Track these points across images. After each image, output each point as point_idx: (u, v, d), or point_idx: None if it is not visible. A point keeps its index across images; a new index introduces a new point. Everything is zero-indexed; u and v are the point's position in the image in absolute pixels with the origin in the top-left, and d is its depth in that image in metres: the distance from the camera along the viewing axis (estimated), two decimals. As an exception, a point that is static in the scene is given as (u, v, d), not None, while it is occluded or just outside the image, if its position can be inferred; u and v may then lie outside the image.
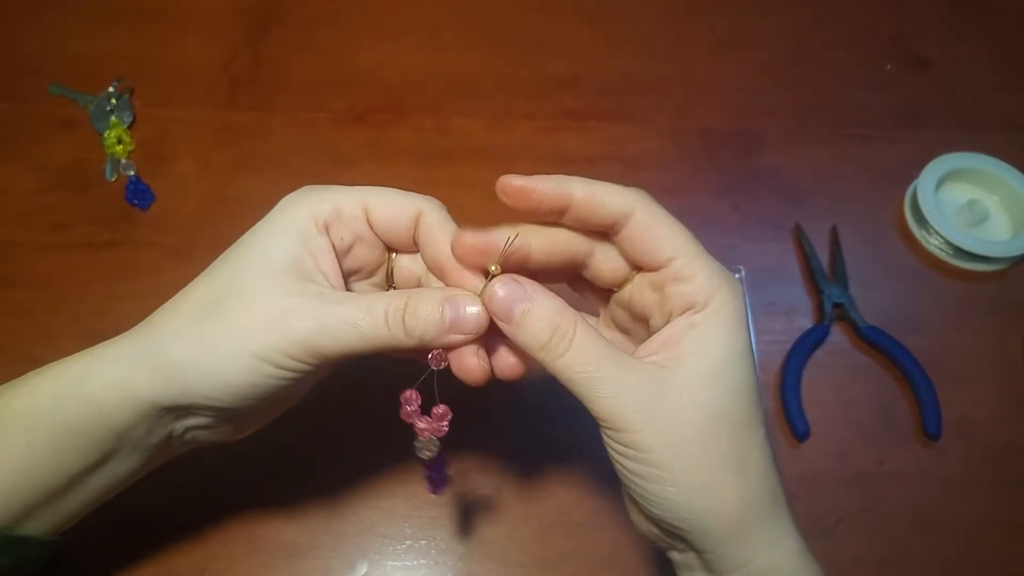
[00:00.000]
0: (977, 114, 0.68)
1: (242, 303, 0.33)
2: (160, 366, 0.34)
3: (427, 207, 0.36)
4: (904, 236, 0.62)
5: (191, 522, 0.48)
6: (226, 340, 0.33)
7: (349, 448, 0.51)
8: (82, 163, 0.62)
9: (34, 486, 0.35)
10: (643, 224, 0.33)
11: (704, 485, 0.31)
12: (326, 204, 0.36)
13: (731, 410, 0.32)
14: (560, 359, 0.32)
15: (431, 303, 0.34)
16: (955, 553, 0.49)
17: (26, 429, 0.34)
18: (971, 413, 0.54)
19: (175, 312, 0.35)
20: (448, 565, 0.48)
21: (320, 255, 0.35)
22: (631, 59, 0.71)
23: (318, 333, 0.33)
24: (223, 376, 0.33)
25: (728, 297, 0.32)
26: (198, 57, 0.68)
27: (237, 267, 0.35)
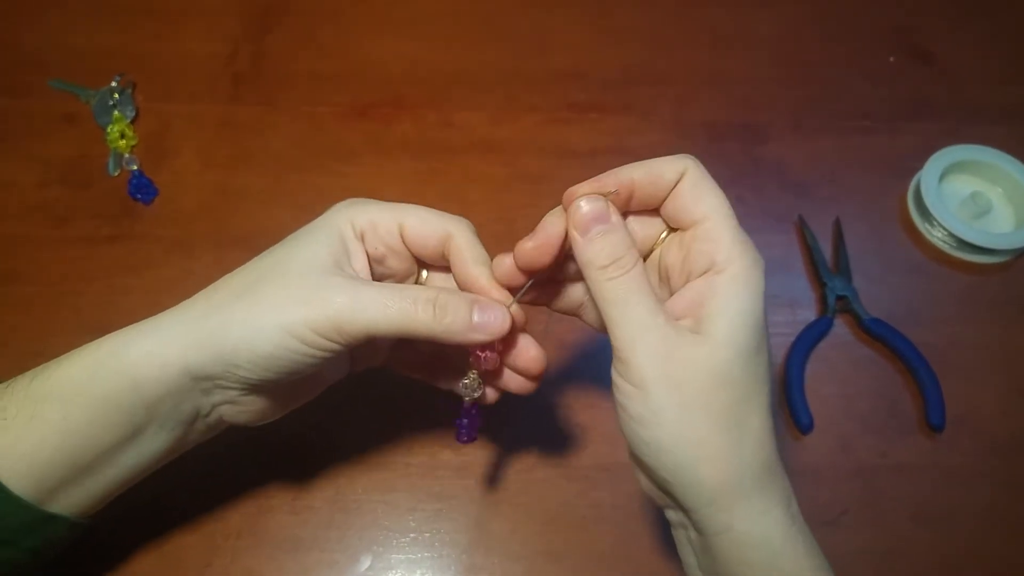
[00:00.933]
0: (980, 106, 0.68)
1: (279, 283, 0.36)
2: (194, 335, 0.36)
3: (457, 229, 0.38)
4: (907, 228, 0.62)
5: (196, 516, 0.48)
6: (260, 313, 0.35)
7: (353, 442, 0.51)
8: (85, 158, 0.62)
9: (67, 460, 0.36)
10: (690, 182, 0.35)
11: (697, 438, 0.32)
12: (363, 216, 0.38)
13: (737, 373, 0.32)
14: (609, 282, 0.34)
15: (461, 301, 0.36)
16: (959, 545, 0.49)
17: (64, 402, 0.36)
18: (975, 405, 0.54)
19: (213, 292, 0.37)
20: (452, 558, 0.48)
21: (354, 256, 0.38)
22: (634, 51, 0.70)
23: (349, 309, 0.34)
24: (252, 345, 0.35)
25: (748, 265, 0.33)
26: (200, 52, 0.68)
27: (278, 257, 0.37)
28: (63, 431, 0.36)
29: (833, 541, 0.48)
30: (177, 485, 0.49)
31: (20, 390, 0.36)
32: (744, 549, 0.33)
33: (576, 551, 0.48)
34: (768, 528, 0.33)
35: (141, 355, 0.36)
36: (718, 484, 0.32)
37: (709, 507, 0.33)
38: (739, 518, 0.33)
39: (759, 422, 0.33)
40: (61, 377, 0.36)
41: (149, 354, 0.36)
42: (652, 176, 0.35)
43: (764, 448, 0.33)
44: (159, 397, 0.36)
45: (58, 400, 0.36)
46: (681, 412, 0.32)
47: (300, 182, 0.61)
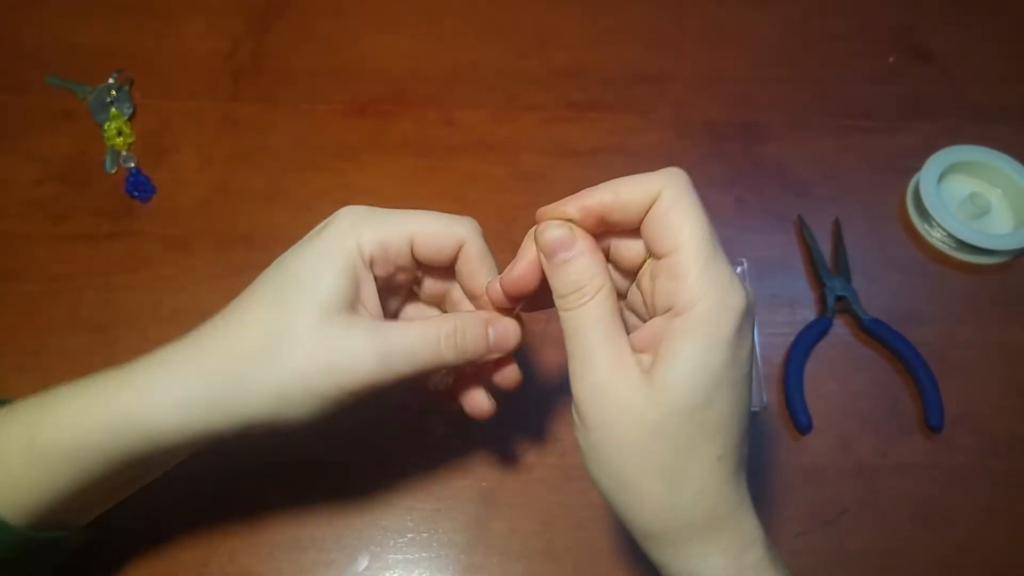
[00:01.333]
0: (980, 106, 0.68)
1: (298, 343, 0.34)
2: (220, 405, 0.35)
3: (470, 238, 0.38)
4: (906, 228, 0.62)
5: (193, 516, 0.48)
6: (287, 382, 0.34)
7: (350, 442, 0.51)
8: (82, 155, 0.62)
9: (78, 505, 0.37)
10: (661, 209, 0.32)
11: (628, 482, 0.32)
12: (373, 238, 0.36)
13: (673, 428, 0.31)
14: (566, 312, 0.33)
15: (478, 325, 0.37)
16: (959, 544, 0.49)
17: (77, 460, 0.35)
18: (974, 405, 0.54)
19: (230, 352, 0.35)
20: (450, 558, 0.48)
21: (364, 287, 0.37)
22: (634, 50, 0.70)
23: (378, 370, 0.35)
24: (285, 413, 0.35)
25: (710, 308, 0.30)
26: (199, 48, 0.68)
27: (288, 304, 0.35)
28: (77, 483, 0.36)
29: (833, 541, 0.49)
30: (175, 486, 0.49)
31: (18, 450, 0.35)
32: None
33: (575, 551, 0.48)
34: (704, 573, 0.32)
35: (163, 425, 0.35)
36: (650, 527, 0.33)
37: (645, 543, 0.33)
38: (674, 559, 0.33)
39: (703, 471, 0.31)
40: (73, 436, 0.35)
41: (173, 426, 0.35)
42: (620, 201, 0.33)
43: (707, 498, 0.32)
44: (179, 451, 0.37)
45: (69, 460, 0.35)
46: (614, 455, 0.32)
47: (300, 180, 0.61)
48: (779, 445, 0.52)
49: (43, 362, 0.53)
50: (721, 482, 0.32)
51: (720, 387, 0.31)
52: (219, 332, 0.36)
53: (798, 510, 0.50)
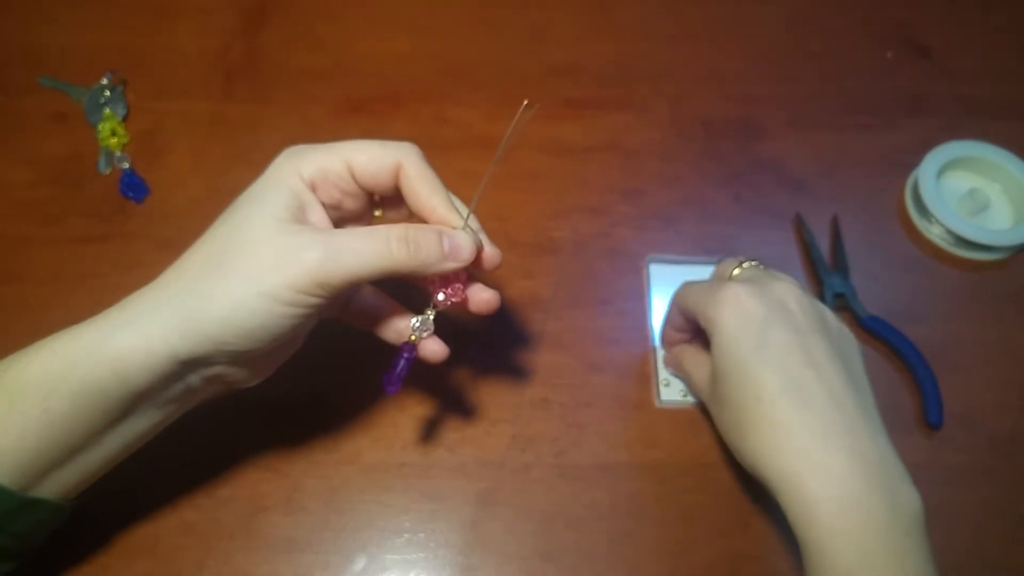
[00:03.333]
0: (979, 102, 0.68)
1: (248, 250, 0.35)
2: (175, 321, 0.35)
3: (406, 159, 0.39)
4: (905, 225, 0.61)
5: (190, 518, 0.48)
6: (237, 286, 0.35)
7: (347, 442, 0.51)
8: (76, 156, 0.61)
9: (51, 448, 0.36)
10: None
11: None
12: (311, 165, 0.38)
13: None
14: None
15: (430, 232, 0.38)
16: (959, 542, 0.49)
17: (43, 396, 0.35)
18: (973, 402, 0.54)
19: (182, 271, 0.37)
20: (447, 558, 0.47)
21: (310, 207, 0.38)
22: (630, 47, 0.70)
23: (325, 262, 0.35)
24: (238, 320, 0.35)
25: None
26: (192, 48, 0.68)
27: (236, 222, 0.37)
28: (45, 423, 0.35)
29: (831, 540, 0.48)
30: (170, 487, 0.49)
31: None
32: None
33: (572, 551, 0.48)
34: None
35: (123, 348, 0.35)
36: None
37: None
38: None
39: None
40: (38, 370, 0.35)
41: (132, 347, 0.35)
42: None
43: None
44: (147, 384, 0.36)
45: (36, 392, 0.35)
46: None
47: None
48: (777, 444, 0.52)
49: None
50: None
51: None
52: (173, 266, 0.38)
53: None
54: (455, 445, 0.51)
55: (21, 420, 0.35)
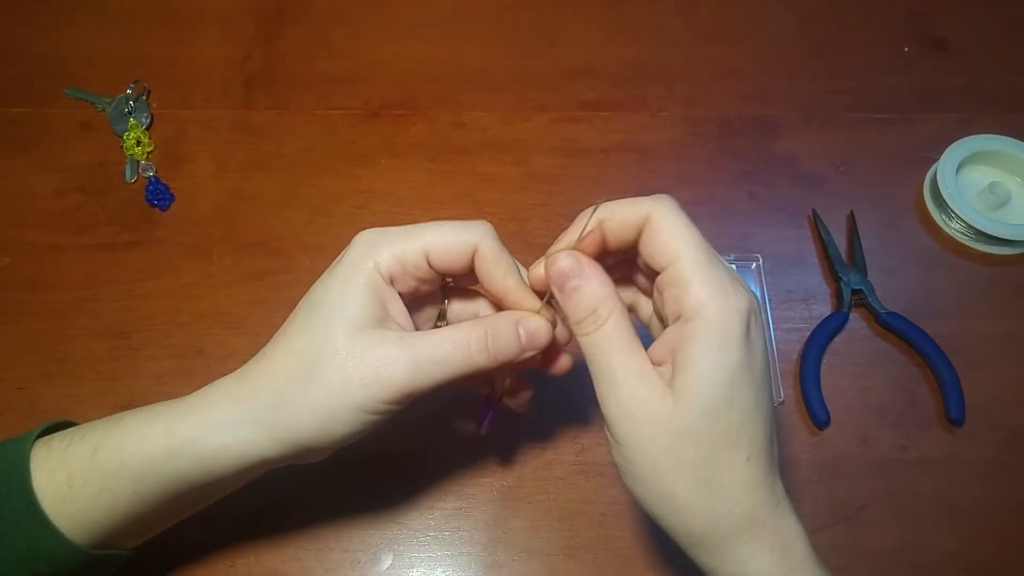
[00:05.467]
0: (998, 95, 0.67)
1: (335, 363, 0.36)
2: (268, 430, 0.37)
3: (482, 241, 0.38)
4: (923, 220, 0.61)
5: (219, 518, 0.49)
6: (328, 401, 0.36)
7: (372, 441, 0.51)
8: (102, 165, 0.63)
9: (134, 522, 0.38)
10: (653, 228, 0.34)
11: (666, 493, 0.33)
12: (388, 258, 0.38)
13: (703, 432, 0.32)
14: (584, 337, 0.35)
15: (508, 326, 0.38)
16: (980, 538, 0.49)
17: (135, 480, 0.37)
18: (994, 397, 0.53)
19: (271, 377, 0.37)
20: (472, 555, 0.48)
21: (390, 303, 0.38)
22: (644, 48, 0.70)
23: (412, 378, 0.36)
24: (330, 431, 0.37)
25: (715, 312, 0.32)
26: (213, 57, 0.69)
27: (320, 328, 0.37)
28: (134, 503, 0.37)
29: (854, 535, 0.49)
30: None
31: (83, 460, 0.37)
32: None
33: (595, 548, 0.48)
34: (752, 575, 0.33)
35: (217, 448, 0.37)
36: (693, 534, 0.34)
37: (692, 549, 0.34)
38: (721, 564, 0.34)
39: (735, 476, 0.33)
40: (130, 457, 0.37)
41: (224, 448, 0.37)
42: (616, 219, 0.35)
43: (742, 502, 0.33)
44: (232, 479, 0.38)
45: (128, 478, 0.37)
46: (650, 468, 0.33)
47: (314, 185, 0.62)
48: (797, 440, 0.52)
49: (68, 369, 0.54)
50: (754, 484, 0.33)
51: (737, 386, 0.32)
52: (261, 365, 0.38)
53: (817, 505, 0.50)
54: (478, 443, 0.51)
55: (112, 499, 0.37)
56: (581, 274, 0.35)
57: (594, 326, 0.34)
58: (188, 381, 0.53)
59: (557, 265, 0.35)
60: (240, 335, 0.55)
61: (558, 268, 0.35)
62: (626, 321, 0.35)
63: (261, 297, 0.57)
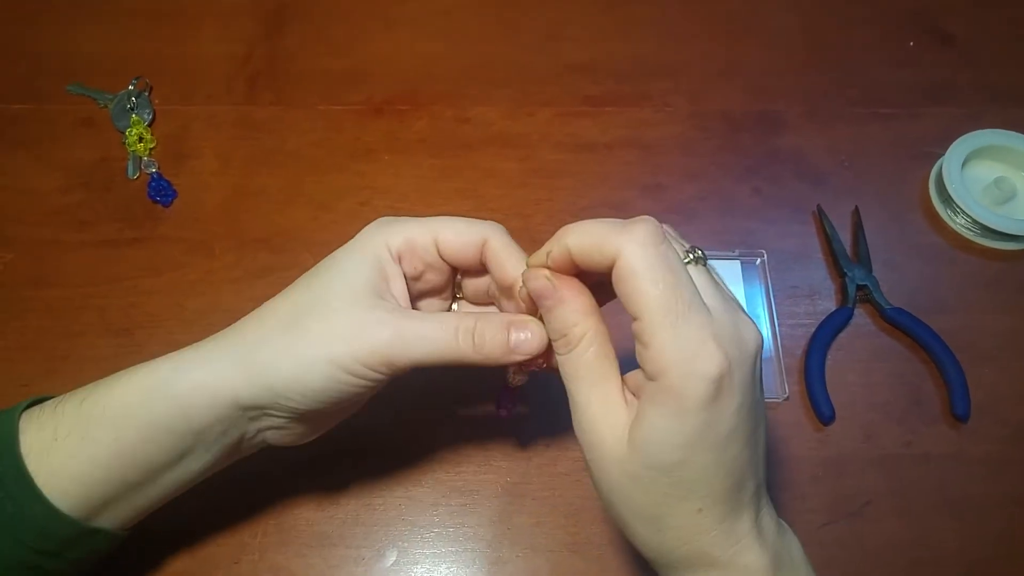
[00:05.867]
0: (1003, 89, 0.67)
1: (324, 316, 0.37)
2: (244, 369, 0.37)
3: (492, 235, 0.39)
4: (928, 216, 0.61)
5: (224, 515, 0.49)
6: (308, 348, 0.36)
7: (377, 438, 0.51)
8: (104, 161, 0.63)
9: (116, 479, 0.38)
10: (618, 274, 0.31)
11: (622, 520, 0.34)
12: (399, 237, 0.39)
13: (648, 483, 0.32)
14: (559, 356, 0.35)
15: (497, 327, 0.37)
16: (985, 534, 0.49)
17: (115, 425, 0.37)
18: (1000, 393, 0.53)
19: (260, 323, 0.39)
20: (477, 552, 0.48)
21: (393, 279, 0.39)
22: (648, 42, 0.70)
23: (392, 344, 0.36)
24: (303, 380, 0.37)
25: (675, 380, 0.30)
26: (215, 53, 0.69)
27: (319, 286, 0.38)
28: (114, 452, 0.37)
29: (858, 531, 0.49)
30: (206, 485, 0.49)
31: (70, 411, 0.38)
32: None
33: (600, 544, 0.48)
34: None
35: (192, 385, 0.37)
36: (646, 555, 0.35)
37: (651, 565, 0.35)
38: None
39: (682, 523, 0.32)
40: (113, 401, 0.37)
41: (200, 385, 0.37)
42: (583, 254, 0.33)
43: (688, 544, 0.32)
44: (208, 424, 0.38)
45: (110, 422, 0.37)
46: (607, 494, 0.34)
47: (317, 181, 0.62)
48: (801, 436, 0.52)
49: (71, 366, 0.54)
50: (703, 531, 0.32)
51: (694, 449, 0.31)
52: (255, 314, 0.39)
53: (822, 501, 0.50)
54: (483, 439, 0.51)
55: (93, 448, 0.37)
56: (553, 295, 0.34)
57: (565, 349, 0.34)
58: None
59: (529, 284, 0.35)
60: (244, 331, 0.55)
61: (530, 287, 0.35)
62: (598, 346, 0.34)
63: (265, 293, 0.55)
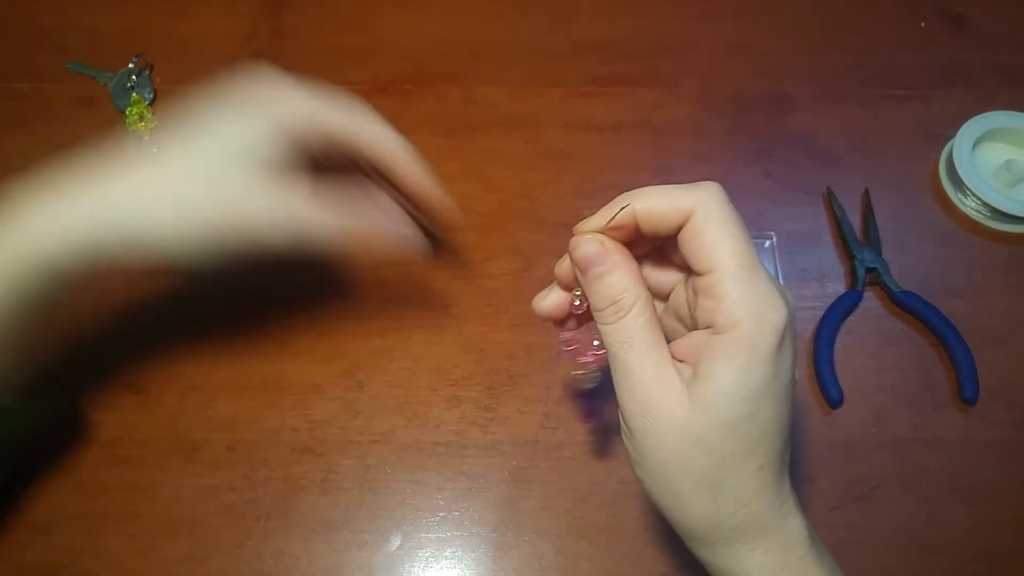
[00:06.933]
0: (1015, 71, 0.66)
1: (181, 157, 0.40)
2: (99, 201, 0.39)
3: (359, 123, 0.43)
4: (939, 198, 0.60)
5: (227, 499, 0.48)
6: (159, 184, 0.39)
7: (381, 423, 0.51)
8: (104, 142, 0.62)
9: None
10: (694, 229, 0.32)
11: (673, 491, 0.33)
12: (297, 114, 0.41)
13: (716, 442, 0.31)
14: (606, 327, 0.34)
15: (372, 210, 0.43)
16: (994, 518, 0.49)
17: None
18: (1009, 377, 0.53)
19: (126, 176, 0.40)
20: (482, 536, 0.48)
21: (274, 148, 0.40)
22: (658, 22, 0.69)
23: (262, 216, 0.39)
24: (155, 211, 0.39)
25: (750, 331, 0.30)
26: (218, 31, 0.68)
27: (199, 150, 0.40)
28: None
29: (867, 515, 0.48)
30: (208, 470, 0.49)
31: None
32: None
33: (606, 528, 0.48)
34: (748, 572, 0.33)
35: (69, 252, 0.38)
36: (697, 532, 0.33)
37: (692, 543, 0.34)
38: (719, 559, 0.33)
39: (743, 482, 0.32)
40: None
41: (75, 247, 0.38)
42: (654, 214, 0.33)
43: (748, 505, 0.32)
44: (60, 258, 0.38)
45: None
46: (660, 464, 0.33)
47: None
48: (810, 419, 0.52)
49: (72, 348, 0.53)
50: (762, 489, 0.32)
51: (761, 401, 0.31)
52: (123, 170, 0.41)
53: (831, 484, 0.49)
54: (488, 424, 0.51)
55: None
56: (604, 262, 0.33)
57: (615, 317, 0.33)
58: (194, 360, 0.53)
59: (580, 250, 0.34)
60: (246, 313, 0.55)
61: (580, 253, 0.34)
62: (649, 312, 0.33)
63: None
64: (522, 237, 0.58)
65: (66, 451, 0.50)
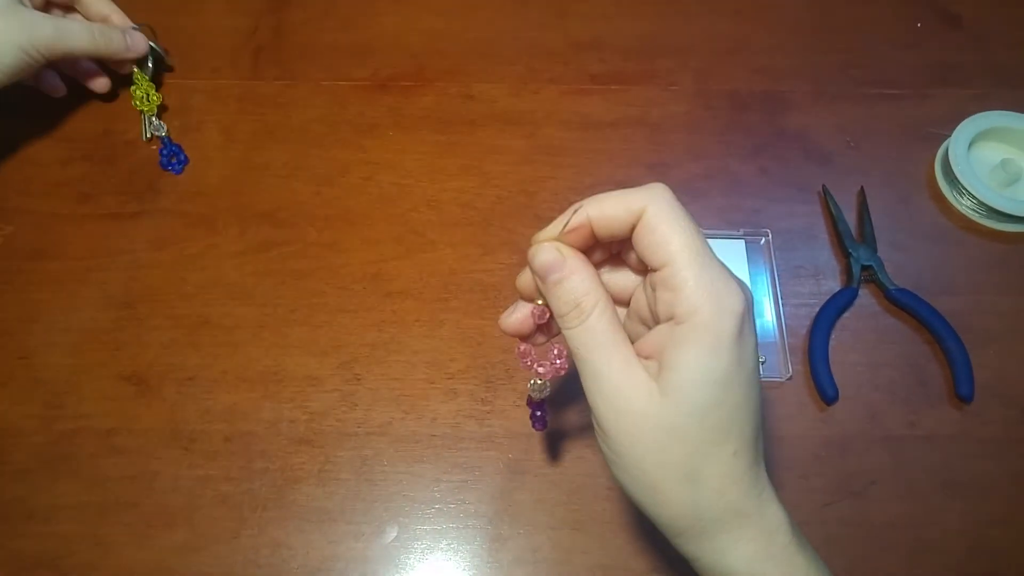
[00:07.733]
0: (1011, 71, 0.67)
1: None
2: None
3: None
4: (935, 197, 0.61)
5: (224, 489, 0.49)
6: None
7: (377, 415, 0.51)
8: (108, 133, 0.62)
9: None
10: (647, 226, 0.33)
11: (651, 485, 0.33)
12: None
13: (691, 431, 0.32)
14: (570, 331, 0.34)
15: (117, 32, 0.61)
16: (988, 514, 0.49)
17: None
18: (1004, 375, 0.53)
19: None
20: (477, 528, 0.48)
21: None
22: (655, 20, 0.69)
23: (56, 36, 0.55)
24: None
25: (709, 316, 0.31)
26: (221, 26, 0.68)
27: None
28: None
29: (862, 511, 0.49)
30: (204, 460, 0.50)
31: None
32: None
33: (601, 521, 0.48)
34: (733, 563, 0.33)
35: None
36: (677, 524, 0.34)
37: (675, 539, 0.35)
38: (703, 553, 0.34)
39: (720, 470, 0.32)
40: None
41: None
42: (605, 217, 0.34)
43: (725, 495, 0.33)
44: None
45: None
46: (635, 460, 0.33)
47: (322, 156, 0.61)
48: (805, 416, 0.52)
49: (72, 339, 0.53)
50: (739, 476, 0.33)
51: (728, 387, 0.32)
52: None
53: (826, 481, 0.50)
54: (484, 416, 0.51)
55: None
56: (563, 267, 0.34)
57: (577, 320, 0.34)
58: (193, 352, 0.53)
59: (539, 258, 0.34)
60: (246, 306, 0.55)
61: (539, 261, 0.34)
62: (611, 314, 0.34)
63: (267, 268, 0.56)
64: (519, 232, 0.58)
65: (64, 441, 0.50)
